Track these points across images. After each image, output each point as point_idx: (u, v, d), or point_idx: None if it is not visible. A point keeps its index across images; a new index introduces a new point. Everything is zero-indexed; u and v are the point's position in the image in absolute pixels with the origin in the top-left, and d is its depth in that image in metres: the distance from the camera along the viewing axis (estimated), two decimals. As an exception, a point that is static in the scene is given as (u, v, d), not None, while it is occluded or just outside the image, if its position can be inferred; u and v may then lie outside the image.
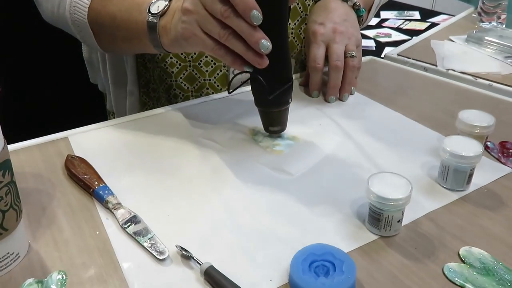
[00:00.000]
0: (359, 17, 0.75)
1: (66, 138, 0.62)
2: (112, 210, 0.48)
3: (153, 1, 0.57)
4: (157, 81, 0.78)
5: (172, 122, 0.66)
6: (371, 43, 1.80)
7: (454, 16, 1.16)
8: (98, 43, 0.67)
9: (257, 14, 0.47)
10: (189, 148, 0.59)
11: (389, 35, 1.86)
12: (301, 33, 0.79)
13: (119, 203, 0.48)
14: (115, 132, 0.64)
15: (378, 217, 0.43)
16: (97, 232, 0.46)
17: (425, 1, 2.75)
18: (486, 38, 0.91)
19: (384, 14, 2.06)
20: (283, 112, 0.59)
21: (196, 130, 0.63)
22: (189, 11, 0.51)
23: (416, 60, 0.87)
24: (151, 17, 0.56)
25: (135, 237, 0.44)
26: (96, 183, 0.51)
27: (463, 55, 0.88)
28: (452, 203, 0.49)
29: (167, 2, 0.57)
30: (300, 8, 0.77)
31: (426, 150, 0.58)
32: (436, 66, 0.84)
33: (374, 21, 2.00)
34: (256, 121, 0.64)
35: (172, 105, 0.70)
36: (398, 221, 0.43)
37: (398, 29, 1.91)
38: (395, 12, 2.08)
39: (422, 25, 1.93)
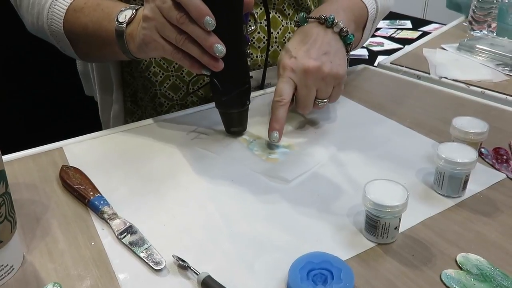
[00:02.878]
0: (347, 44, 0.65)
1: (61, 149, 0.61)
2: (108, 220, 0.47)
3: (122, 10, 0.61)
4: (142, 90, 0.79)
5: (166, 132, 0.65)
6: (363, 52, 1.81)
7: (445, 25, 1.17)
8: (76, 51, 0.71)
9: (210, 20, 0.50)
10: (184, 157, 0.59)
11: (381, 44, 1.88)
12: (285, 42, 0.78)
13: (115, 214, 0.48)
14: (110, 142, 0.63)
15: (375, 224, 0.43)
16: (93, 243, 0.45)
17: (416, 10, 2.78)
18: (478, 46, 0.92)
19: (376, 23, 2.08)
20: (241, 114, 0.61)
21: (191, 140, 0.63)
22: (149, 18, 0.54)
23: (409, 68, 0.87)
24: (118, 25, 0.60)
25: (131, 247, 0.44)
26: (91, 193, 0.50)
27: (455, 63, 0.89)
28: (448, 210, 0.49)
29: (133, 11, 0.60)
30: (279, 17, 0.77)
31: (421, 156, 0.58)
32: (429, 74, 0.85)
33: (366, 30, 2.02)
34: (250, 130, 0.64)
35: (165, 114, 0.71)
36: (395, 228, 0.44)
37: (390, 38, 1.93)
38: (387, 21, 2.10)
39: (413, 34, 1.95)
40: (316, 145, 0.61)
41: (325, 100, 0.63)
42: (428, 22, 2.11)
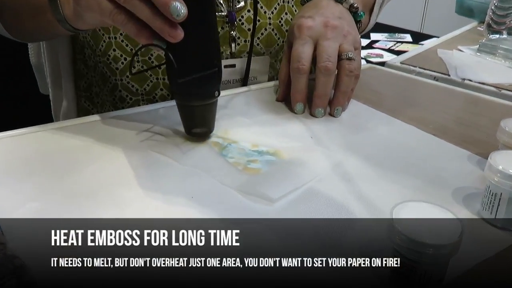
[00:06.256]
0: (357, 21, 0.62)
1: (-34, 148, 0.46)
2: (-8, 254, 0.31)
3: None
4: (99, 82, 0.64)
5: (115, 131, 0.50)
6: (362, 63, 1.70)
7: (444, 39, 1.08)
8: (3, 24, 0.56)
9: None
10: (130, 164, 0.44)
11: (380, 56, 1.77)
12: (282, 25, 0.65)
13: (3, 244, 0.32)
14: (34, 142, 0.48)
15: (408, 273, 0.27)
16: (-43, 292, 0.29)
17: (414, 24, 2.70)
18: (502, 46, 0.80)
19: (374, 36, 1.99)
20: (205, 108, 0.46)
21: (144, 142, 0.48)
22: None
23: (424, 69, 0.74)
24: None
25: (14, 301, 0.27)
26: (-21, 211, 0.34)
27: (477, 65, 0.77)
28: (510, 249, 0.33)
29: None
30: None
31: (457, 172, 0.43)
32: (448, 75, 0.72)
33: (364, 42, 1.92)
34: (227, 132, 0.49)
35: (117, 110, 0.56)
36: (439, 281, 0.28)
37: (389, 50, 1.83)
38: (385, 34, 2.01)
39: (414, 47, 1.85)
40: (312, 153, 0.46)
41: (351, 54, 0.54)
42: (429, 36, 2.01)
